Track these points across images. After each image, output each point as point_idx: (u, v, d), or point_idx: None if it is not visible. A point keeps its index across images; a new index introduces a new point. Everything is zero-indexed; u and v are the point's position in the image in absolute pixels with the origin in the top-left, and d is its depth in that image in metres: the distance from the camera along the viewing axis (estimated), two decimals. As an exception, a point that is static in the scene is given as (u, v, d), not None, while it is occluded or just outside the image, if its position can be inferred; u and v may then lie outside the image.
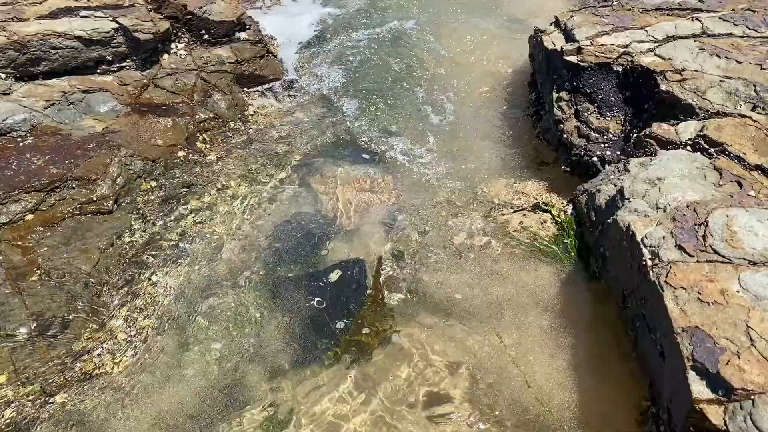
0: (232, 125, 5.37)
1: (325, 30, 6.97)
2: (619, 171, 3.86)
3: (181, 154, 4.89)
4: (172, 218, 4.40)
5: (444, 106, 5.77)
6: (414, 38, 6.78)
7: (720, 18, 4.68)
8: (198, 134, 5.16)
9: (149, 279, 4.01)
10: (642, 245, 2.94)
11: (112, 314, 3.78)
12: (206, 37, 5.89)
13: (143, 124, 4.94)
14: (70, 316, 3.66)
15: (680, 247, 2.81)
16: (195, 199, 4.57)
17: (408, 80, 6.10)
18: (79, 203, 4.23)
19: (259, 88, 5.94)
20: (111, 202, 4.31)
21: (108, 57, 5.20)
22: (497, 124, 5.53)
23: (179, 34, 5.76)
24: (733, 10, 4.81)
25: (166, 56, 5.62)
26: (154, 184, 4.60)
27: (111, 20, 5.18)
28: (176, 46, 5.74)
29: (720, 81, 3.98)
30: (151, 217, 4.37)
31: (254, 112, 5.63)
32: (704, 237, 2.83)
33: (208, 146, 5.11)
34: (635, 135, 4.11)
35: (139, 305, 3.85)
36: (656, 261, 2.82)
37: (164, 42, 5.61)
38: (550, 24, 5.32)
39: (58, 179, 4.21)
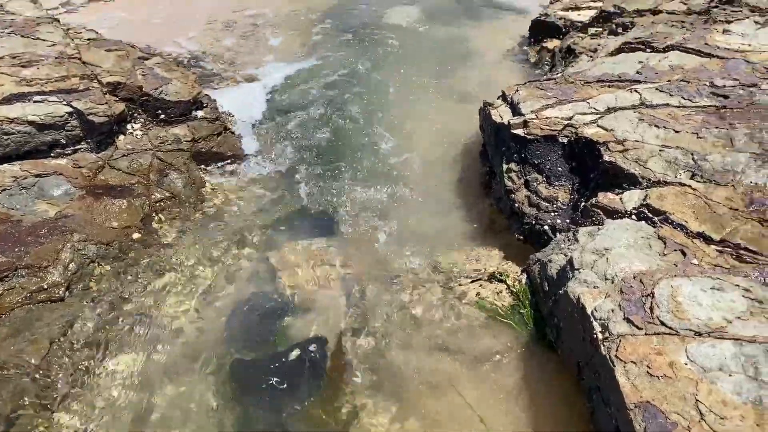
0: (188, 204, 5.36)
1: (282, 105, 7.10)
2: (569, 240, 3.95)
3: (136, 235, 4.85)
4: (127, 303, 4.32)
5: (399, 177, 5.88)
6: (368, 111, 6.95)
7: (657, 89, 4.92)
8: (154, 214, 5.13)
9: (102, 368, 3.89)
10: (592, 318, 2.99)
11: (62, 408, 3.64)
12: (162, 116, 5.94)
13: (97, 207, 4.90)
14: (17, 413, 3.52)
15: (629, 320, 2.87)
16: (150, 282, 4.50)
17: (363, 153, 6.22)
18: (29, 292, 4.13)
19: (217, 165, 5.97)
20: (63, 289, 4.22)
21: (62, 140, 5.19)
22: (452, 194, 5.65)
23: (135, 114, 5.79)
24: (669, 81, 5.07)
25: (121, 137, 5.63)
26: (108, 268, 4.52)
27: (65, 104, 5.20)
28: (132, 127, 5.77)
29: (660, 150, 4.15)
30: (105, 303, 4.28)
31: (211, 189, 5.65)
32: (651, 309, 2.90)
33: (164, 226, 5.08)
34: (583, 204, 4.24)
35: (92, 397, 3.73)
36: (606, 334, 2.86)
37: (120, 123, 5.63)
38: (498, 98, 5.52)
39: (6, 268, 4.11)
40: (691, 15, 6.60)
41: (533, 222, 4.62)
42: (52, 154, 5.19)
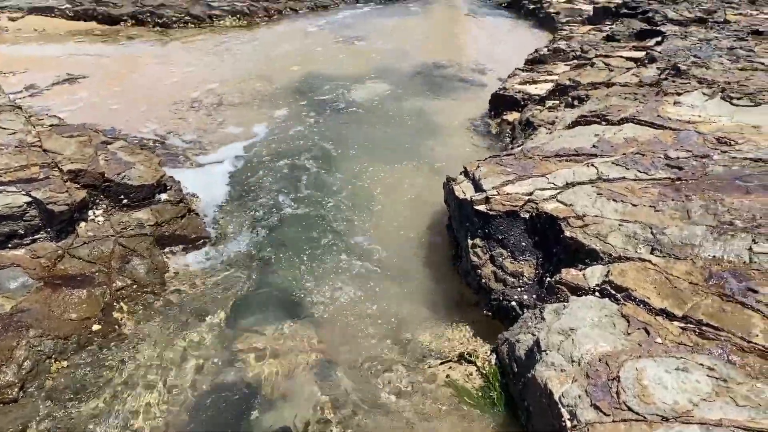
0: (151, 291, 5.25)
1: (247, 185, 7.10)
2: (535, 318, 3.94)
3: (95, 327, 4.71)
4: (85, 401, 4.14)
5: (366, 253, 5.86)
6: (334, 187, 6.99)
7: (613, 162, 5.05)
8: (115, 303, 5.00)
9: (57, 473, 3.70)
10: (560, 405, 2.95)
11: None
12: (125, 201, 5.89)
13: (56, 299, 4.76)
14: None
15: (596, 406, 2.83)
16: (110, 377, 4.34)
17: (329, 230, 6.21)
18: (-20, 395, 3.95)
19: (180, 248, 5.89)
20: (16, 389, 4.04)
21: (20, 231, 5.09)
22: (421, 269, 5.64)
23: (97, 200, 5.74)
24: (624, 154, 5.21)
25: (83, 224, 5.55)
26: (65, 364, 4.36)
27: (24, 194, 5.13)
28: (94, 213, 5.69)
29: (619, 225, 4.22)
30: (62, 402, 4.10)
31: (175, 274, 5.55)
32: (618, 393, 2.87)
33: (125, 315, 4.94)
34: (547, 280, 4.25)
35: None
36: (575, 422, 2.82)
37: (81, 210, 5.56)
38: (460, 173, 5.61)
39: (-44, 370, 3.95)
40: (643, 87, 6.87)
41: (500, 298, 4.61)
42: (9, 245, 5.08)
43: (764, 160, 4.83)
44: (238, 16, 14.33)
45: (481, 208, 4.87)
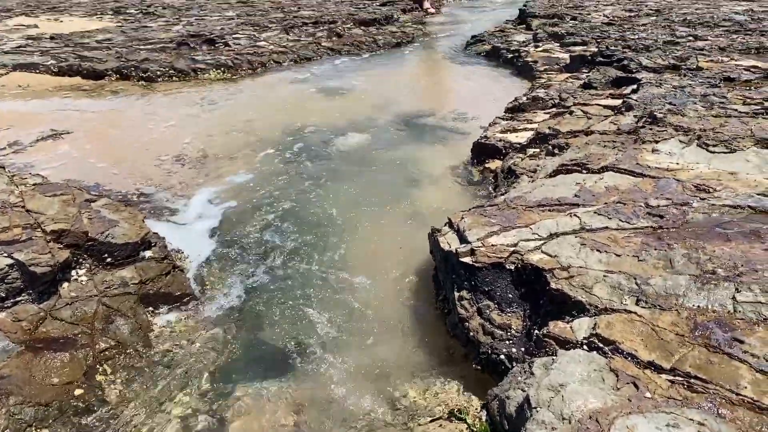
0: (135, 351, 5.16)
1: (232, 240, 7.09)
2: (524, 373, 3.91)
3: (78, 392, 4.61)
4: (66, 470, 4.03)
5: (353, 307, 5.83)
6: (319, 239, 6.99)
7: (595, 212, 5.11)
8: (98, 366, 4.91)
9: None
10: (553, 466, 2.91)
11: None
12: (109, 260, 5.85)
13: (37, 363, 4.67)
14: None
15: (589, 467, 2.80)
16: (92, 444, 4.24)
17: (315, 284, 6.18)
18: (-43, 468, 3.83)
19: (165, 307, 5.83)
20: (-6, 461, 3.93)
21: (1, 294, 5.02)
22: (408, 321, 5.61)
23: (80, 260, 5.69)
24: (605, 203, 5.29)
25: (65, 284, 5.49)
26: (46, 432, 4.26)
27: (6, 256, 5.08)
28: (77, 273, 5.64)
29: (604, 276, 4.25)
30: (41, 472, 4.00)
31: (159, 333, 5.47)
32: (610, 452, 2.84)
33: (109, 378, 4.85)
34: (535, 333, 4.25)
35: None
36: (568, 484, 2.78)
37: (64, 270, 5.50)
38: (445, 224, 5.65)
39: (-67, 443, 3.84)
40: (621, 135, 7.02)
41: (489, 351, 4.59)
42: (-10, 309, 5.02)
43: (742, 206, 4.92)
44: (222, 69, 14.52)
45: (467, 260, 4.89)
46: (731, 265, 4.10)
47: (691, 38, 11.30)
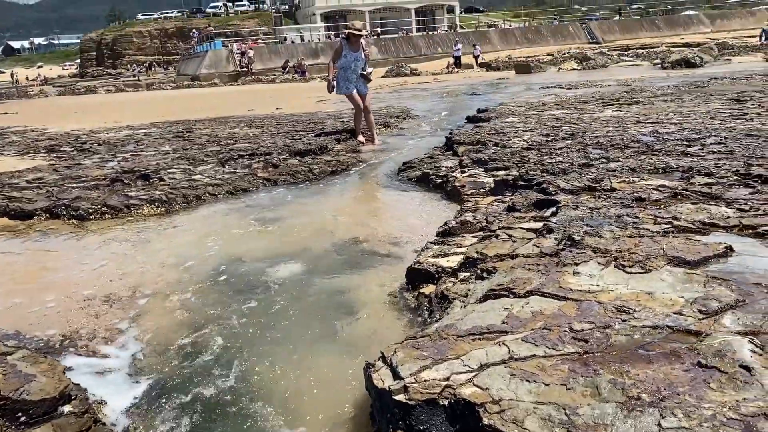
0: None
1: (161, 384, 6.77)
2: None
3: None
4: None
5: (288, 453, 5.57)
6: (251, 378, 6.76)
7: (522, 339, 5.19)
8: None
9: None
10: None
11: None
12: (23, 419, 5.45)
13: None
14: None
15: None
16: None
17: (246, 426, 5.90)
18: None
19: (83, 467, 5.43)
20: None
21: None
22: (344, 465, 5.38)
23: (-11, 422, 5.29)
24: (532, 329, 5.38)
25: (-29, 451, 5.06)
26: None
27: None
28: (-15, 436, 5.22)
29: (534, 408, 4.25)
30: None
31: (75, 500, 5.04)
32: None
33: None
34: (471, 473, 4.14)
35: None
36: None
37: (-30, 435, 5.10)
38: (378, 359, 5.58)
39: None
40: (544, 257, 7.28)
41: (427, 495, 4.42)
42: None
43: (661, 326, 5.10)
44: (156, 204, 14.49)
45: (400, 398, 4.81)
46: (654, 389, 4.18)
47: (604, 160, 12.12)
